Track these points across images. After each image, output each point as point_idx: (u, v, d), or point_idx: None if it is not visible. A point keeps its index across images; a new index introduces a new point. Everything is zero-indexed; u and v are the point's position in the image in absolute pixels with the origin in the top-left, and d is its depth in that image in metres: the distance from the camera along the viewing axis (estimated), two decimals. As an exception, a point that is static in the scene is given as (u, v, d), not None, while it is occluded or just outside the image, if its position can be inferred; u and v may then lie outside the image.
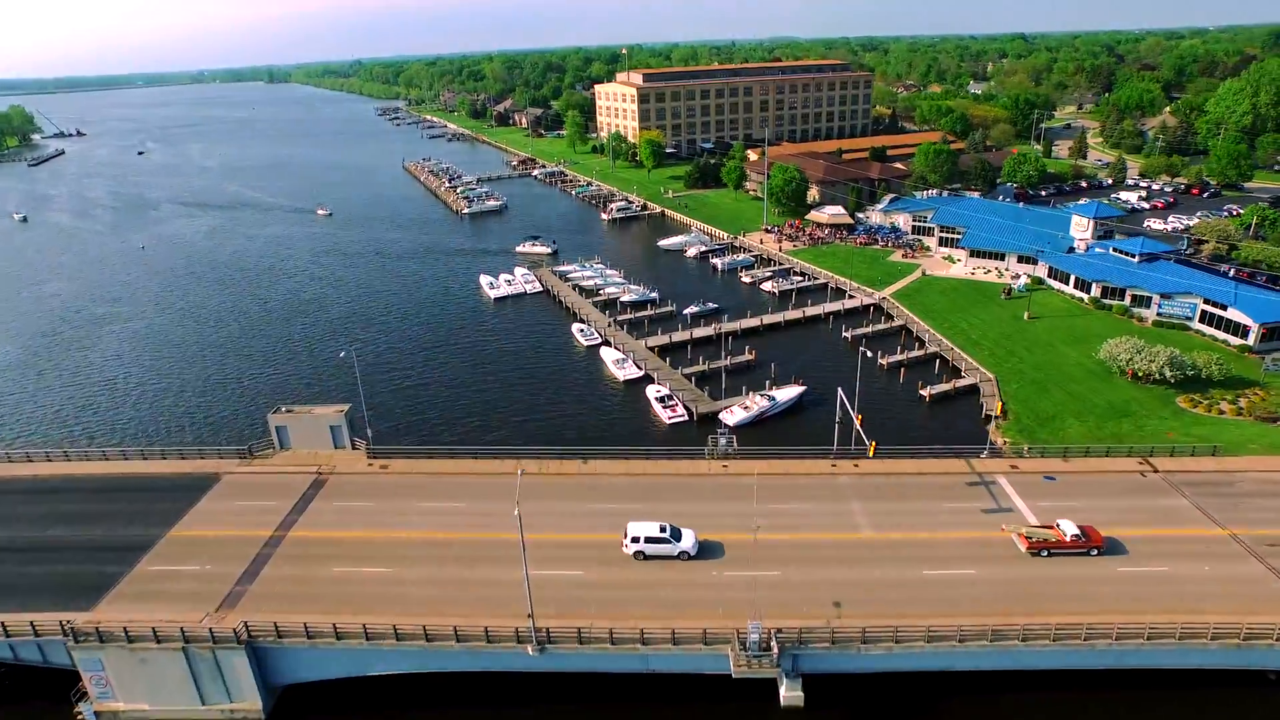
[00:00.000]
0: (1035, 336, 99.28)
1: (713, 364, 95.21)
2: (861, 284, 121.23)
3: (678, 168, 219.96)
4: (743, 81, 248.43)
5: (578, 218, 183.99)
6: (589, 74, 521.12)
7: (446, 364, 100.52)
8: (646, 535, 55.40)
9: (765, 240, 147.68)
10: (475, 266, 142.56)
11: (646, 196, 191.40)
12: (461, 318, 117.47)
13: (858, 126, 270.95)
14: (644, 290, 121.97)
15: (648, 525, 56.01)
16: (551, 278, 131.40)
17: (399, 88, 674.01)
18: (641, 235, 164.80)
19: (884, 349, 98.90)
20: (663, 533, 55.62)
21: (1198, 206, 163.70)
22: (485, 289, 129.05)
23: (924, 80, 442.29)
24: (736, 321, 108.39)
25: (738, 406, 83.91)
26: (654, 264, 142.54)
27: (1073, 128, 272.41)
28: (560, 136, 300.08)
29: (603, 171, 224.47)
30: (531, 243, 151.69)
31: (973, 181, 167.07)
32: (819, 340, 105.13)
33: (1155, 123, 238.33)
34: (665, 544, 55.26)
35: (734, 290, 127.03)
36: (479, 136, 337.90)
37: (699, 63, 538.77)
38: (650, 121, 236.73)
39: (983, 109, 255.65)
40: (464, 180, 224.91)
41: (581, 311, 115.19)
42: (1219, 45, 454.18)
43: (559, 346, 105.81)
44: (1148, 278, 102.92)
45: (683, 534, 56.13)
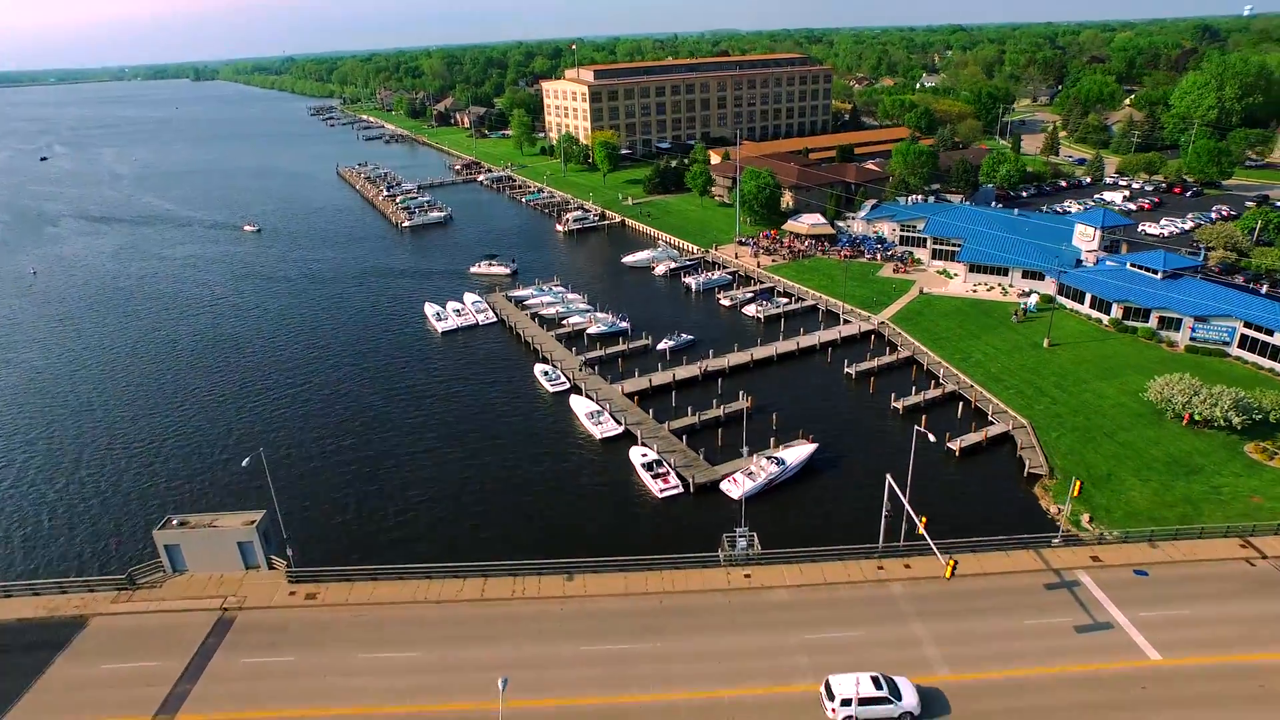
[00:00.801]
0: (1061, 369, 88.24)
1: (704, 415, 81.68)
2: (855, 305, 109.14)
3: (635, 170, 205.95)
4: (699, 77, 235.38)
5: (530, 230, 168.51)
6: (531, 69, 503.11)
7: (387, 426, 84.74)
8: (861, 695, 41.59)
9: (740, 254, 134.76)
10: (419, 292, 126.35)
11: (604, 204, 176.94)
12: (405, 360, 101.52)
13: (818, 123, 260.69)
14: (613, 319, 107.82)
15: (855, 680, 42.12)
16: (507, 306, 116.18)
17: (333, 85, 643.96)
18: (602, 250, 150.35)
19: (894, 388, 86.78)
20: (879, 689, 42.08)
21: (1185, 207, 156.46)
22: (431, 320, 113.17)
23: (875, 73, 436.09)
24: (723, 357, 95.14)
25: (741, 474, 70.51)
26: (619, 284, 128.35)
27: (1028, 123, 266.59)
28: (506, 137, 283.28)
29: (554, 176, 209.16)
30: (488, 263, 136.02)
31: (954, 183, 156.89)
32: (818, 377, 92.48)
33: (1119, 117, 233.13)
34: (884, 704, 41.80)
35: (712, 315, 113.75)
36: (419, 138, 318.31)
37: (645, 58, 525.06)
38: (603, 121, 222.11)
39: (946, 103, 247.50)
40: (404, 188, 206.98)
41: (544, 348, 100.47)
42: (1155, 38, 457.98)
43: (520, 394, 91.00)
44: (1178, 298, 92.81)
45: (901, 687, 42.80)
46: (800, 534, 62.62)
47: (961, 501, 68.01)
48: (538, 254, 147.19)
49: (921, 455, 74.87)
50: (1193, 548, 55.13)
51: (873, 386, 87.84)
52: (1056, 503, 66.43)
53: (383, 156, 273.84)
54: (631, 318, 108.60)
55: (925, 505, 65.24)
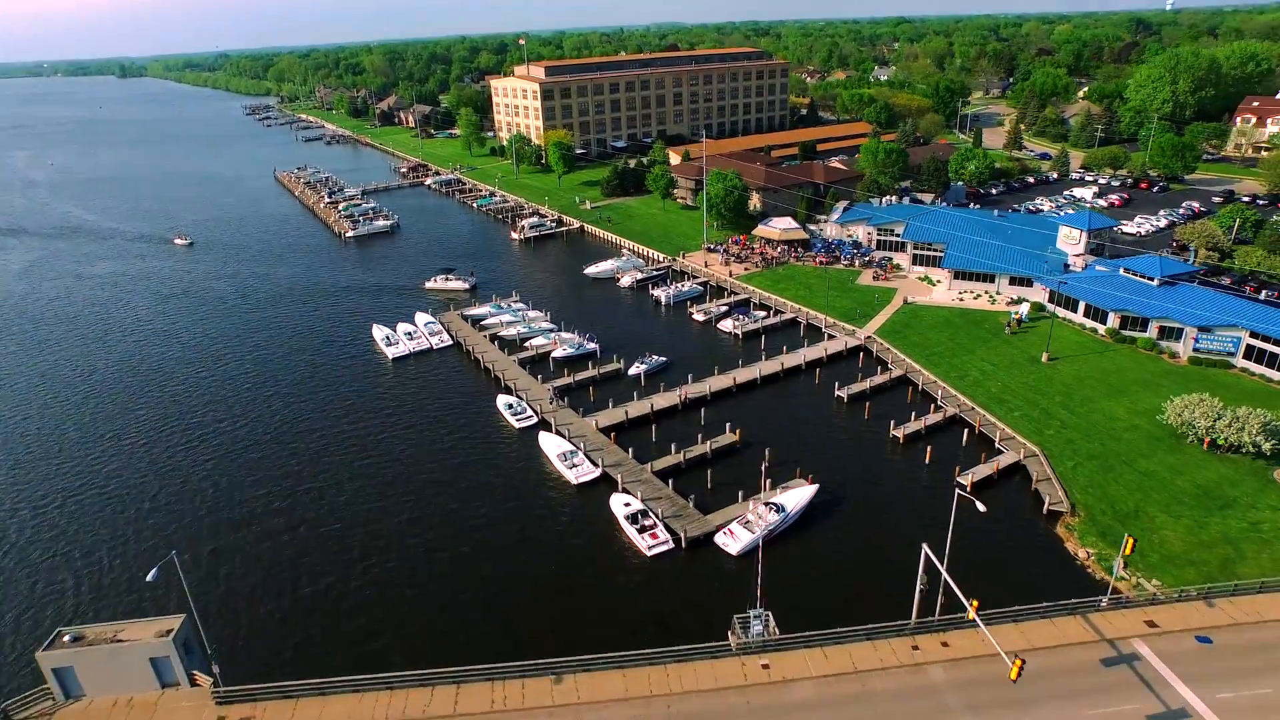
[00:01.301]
0: (1065, 386, 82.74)
1: (689, 452, 73.98)
2: (837, 318, 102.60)
3: (591, 171, 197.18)
4: (654, 73, 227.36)
5: (483, 238, 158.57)
6: (477, 65, 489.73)
7: (332, 480, 75.06)
8: None
9: (710, 262, 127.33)
10: (366, 312, 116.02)
11: (560, 208, 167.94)
12: (352, 393, 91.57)
13: (776, 119, 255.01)
14: (580, 340, 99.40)
15: None
16: (464, 327, 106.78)
17: (269, 83, 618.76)
18: (561, 259, 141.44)
19: (891, 412, 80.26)
20: None
21: (1154, 203, 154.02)
22: (380, 344, 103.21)
23: (826, 66, 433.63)
24: (703, 382, 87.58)
25: (738, 524, 63.12)
26: (582, 298, 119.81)
27: (983, 117, 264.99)
28: (453, 137, 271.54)
29: (506, 178, 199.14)
30: (445, 277, 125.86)
31: (925, 182, 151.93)
32: (807, 402, 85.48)
33: (1076, 110, 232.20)
34: None
35: (684, 331, 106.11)
36: (361, 138, 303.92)
37: (592, 52, 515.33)
38: (555, 120, 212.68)
39: (905, 97, 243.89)
40: (346, 194, 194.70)
41: (506, 375, 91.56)
42: (1094, 31, 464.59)
43: (483, 432, 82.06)
44: (1179, 307, 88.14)
45: None
46: (811, 597, 55.48)
47: (979, 546, 61.51)
48: (492, 265, 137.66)
49: (929, 490, 68.56)
50: (1255, 605, 49.33)
51: (867, 411, 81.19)
52: (1084, 545, 60.52)
53: (323, 159, 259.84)
54: (599, 336, 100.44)
55: (934, 543, 58.74)
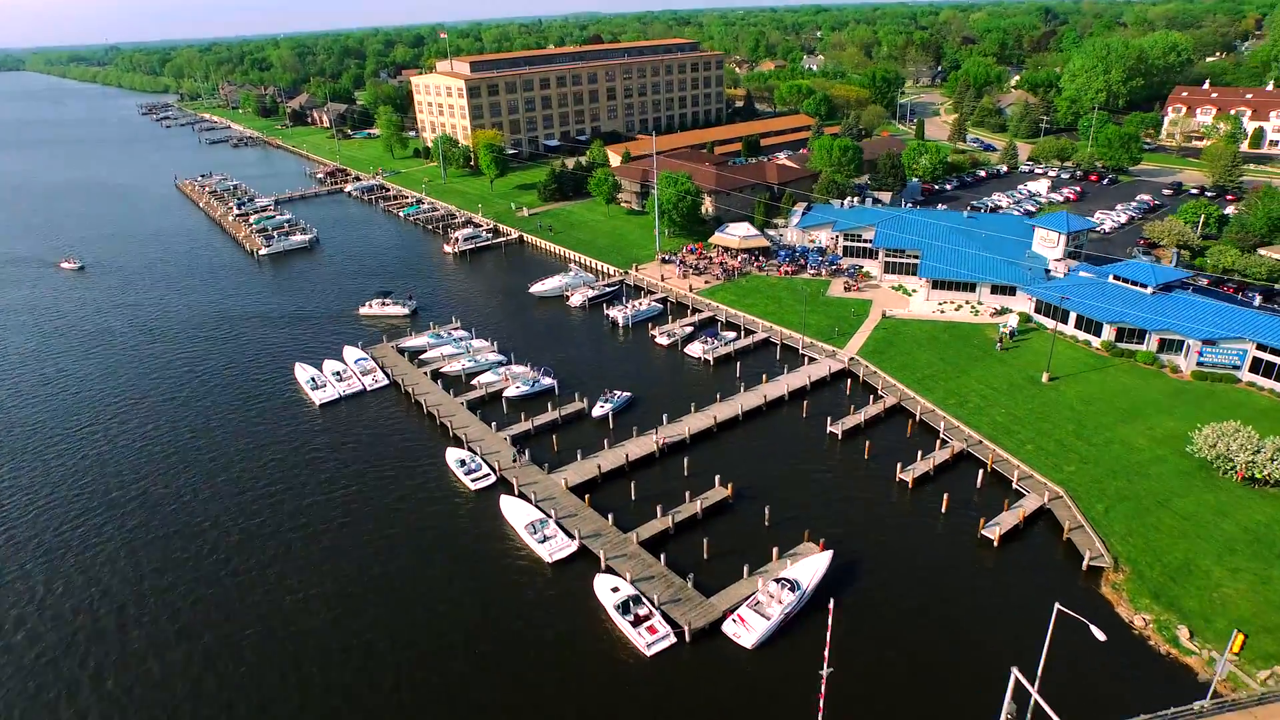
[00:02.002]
0: (1073, 412, 76.28)
1: (677, 514, 64.31)
2: (814, 337, 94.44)
3: (525, 174, 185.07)
4: (586, 67, 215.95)
5: (412, 251, 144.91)
6: (393, 59, 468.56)
7: (247, 572, 62.68)
8: None
9: (667, 275, 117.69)
10: (287, 347, 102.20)
11: (495, 216, 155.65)
12: (272, 451, 78.51)
13: (712, 113, 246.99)
14: (534, 375, 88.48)
15: None
16: (400, 362, 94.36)
17: (167, 79, 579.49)
18: (502, 276, 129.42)
19: (892, 450, 72.45)
20: None
21: (1107, 196, 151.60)
22: (305, 388, 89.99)
23: (754, 56, 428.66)
24: (680, 423, 77.97)
25: (748, 608, 53.87)
26: (529, 321, 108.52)
27: (917, 107, 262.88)
28: (372, 137, 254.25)
29: (434, 183, 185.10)
30: (381, 301, 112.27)
31: (883, 180, 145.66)
32: (798, 440, 76.80)
33: (1012, 99, 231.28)
34: None
35: (647, 357, 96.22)
36: (272, 140, 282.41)
37: (513, 45, 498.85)
38: (484, 119, 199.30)
39: (844, 88, 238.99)
40: (258, 204, 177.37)
41: (455, 423, 79.98)
42: (1008, 20, 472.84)
43: (432, 495, 70.55)
44: (1181, 319, 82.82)
45: None
46: (853, 706, 46.62)
47: (1020, 613, 53.88)
48: (426, 284, 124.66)
49: (950, 545, 60.69)
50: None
51: (867, 450, 72.96)
52: (1137, 609, 53.47)
53: (231, 164, 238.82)
54: (554, 369, 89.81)
55: (979, 624, 50.99)
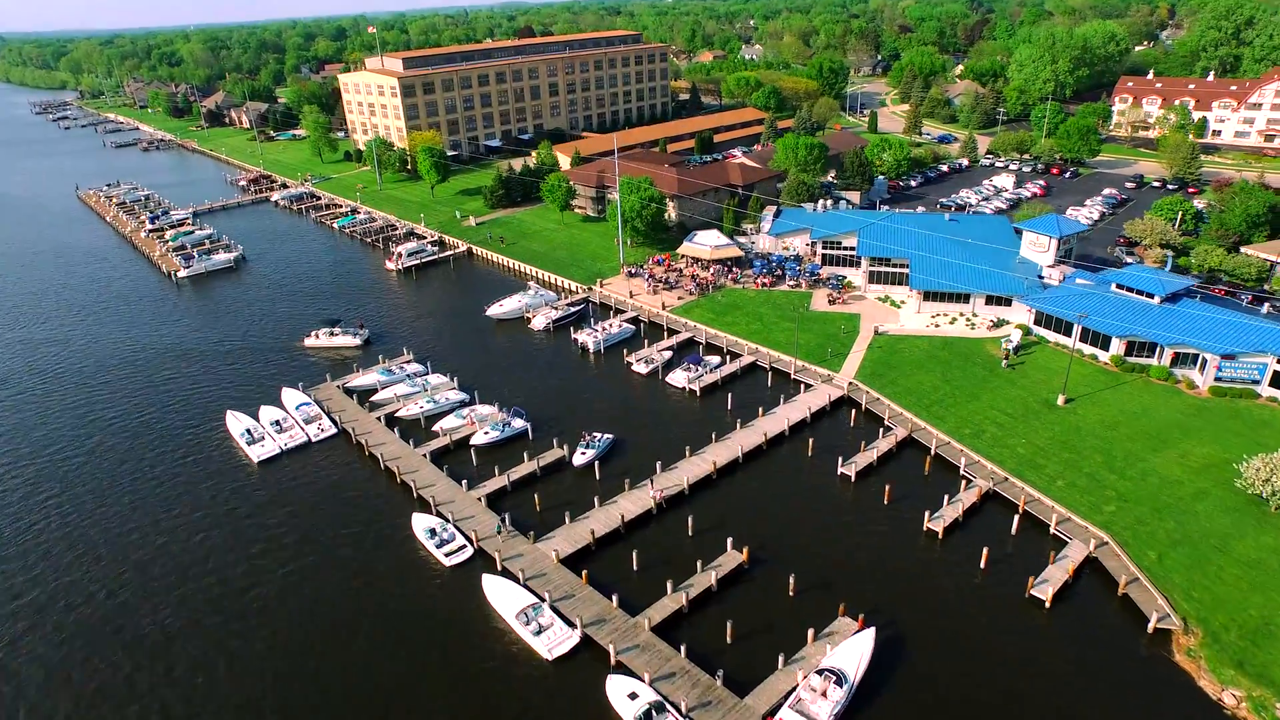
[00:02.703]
0: (1097, 438, 70.78)
1: (691, 590, 56.02)
2: (805, 359, 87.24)
3: (468, 177, 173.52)
4: (527, 62, 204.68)
5: (351, 268, 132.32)
6: (314, 53, 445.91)
7: (178, 692, 51.98)
8: None
9: (635, 290, 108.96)
10: (216, 391, 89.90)
11: (440, 226, 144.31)
12: (203, 524, 67.11)
13: (658, 107, 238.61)
14: (503, 417, 78.95)
15: None
16: (348, 406, 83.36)
17: (63, 74, 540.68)
18: (453, 296, 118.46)
19: (912, 493, 65.83)
20: None
21: (1072, 190, 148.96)
22: (240, 442, 78.36)
23: (691, 47, 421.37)
24: (676, 470, 69.71)
25: (790, 710, 46.09)
26: (489, 351, 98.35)
27: (862, 98, 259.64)
28: (297, 139, 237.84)
29: (369, 190, 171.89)
30: (330, 331, 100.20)
31: (849, 178, 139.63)
32: (807, 485, 69.29)
33: (960, 90, 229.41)
34: None
35: (624, 389, 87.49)
36: (187, 143, 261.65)
37: (441, 37, 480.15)
38: (420, 119, 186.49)
39: (793, 80, 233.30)
40: (174, 218, 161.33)
41: (419, 481, 69.93)
42: (943, 8, 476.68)
43: (400, 574, 60.62)
44: (1196, 331, 78.25)
45: None
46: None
47: (1089, 688, 47.56)
48: (369, 307, 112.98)
49: (999, 609, 54.02)
50: None
51: (887, 495, 65.94)
52: (1222, 682, 47.67)
53: (141, 171, 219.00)
54: (523, 407, 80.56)
55: (1046, 705, 44.27)
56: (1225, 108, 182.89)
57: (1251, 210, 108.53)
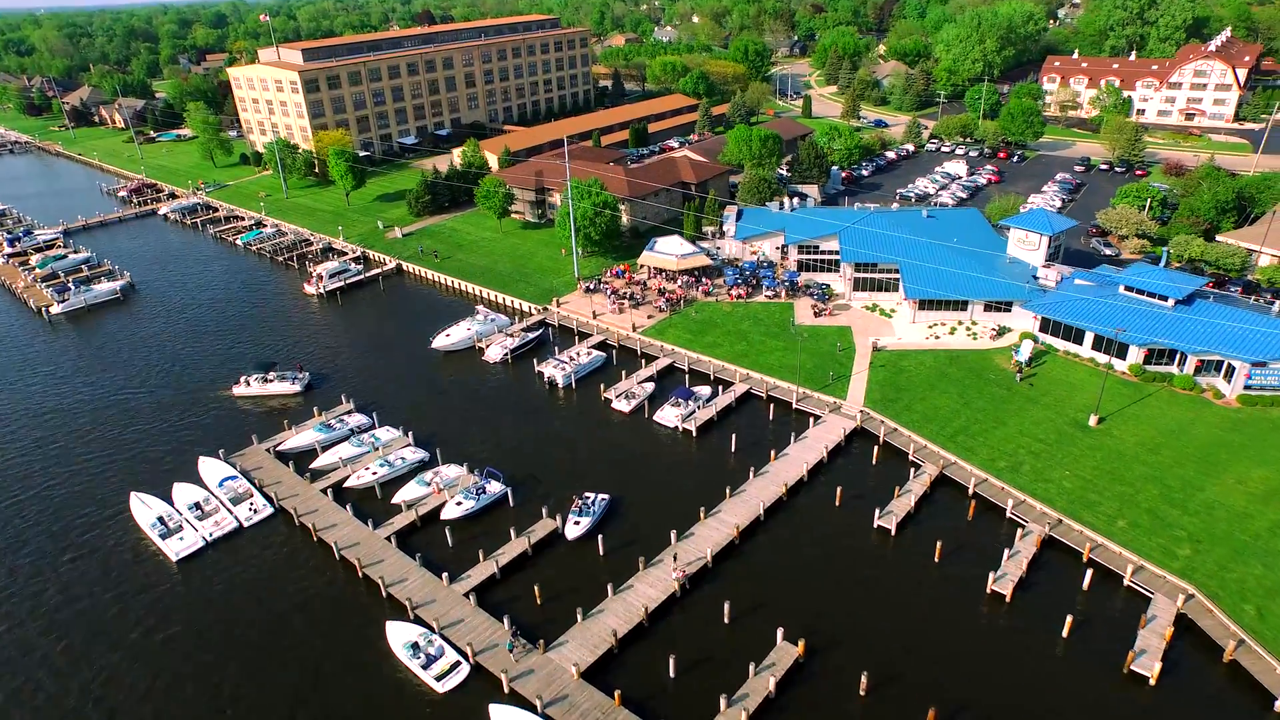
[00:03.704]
0: (1146, 465, 64.81)
1: (750, 702, 46.41)
2: (806, 385, 78.64)
3: (386, 180, 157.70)
4: (440, 51, 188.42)
5: (263, 294, 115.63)
6: (192, 42, 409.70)
7: None
8: None
9: (598, 308, 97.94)
10: (114, 465, 74.10)
11: (361, 239, 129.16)
12: (107, 650, 53.16)
13: (580, 96, 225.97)
14: (476, 480, 67.24)
15: None
16: (285, 476, 69.63)
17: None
18: (388, 323, 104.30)
19: (959, 543, 58.51)
20: None
21: (1027, 176, 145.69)
22: (151, 535, 63.69)
23: (600, 30, 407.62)
24: (693, 539, 59.94)
25: None
26: (439, 390, 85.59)
27: (791, 84, 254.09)
28: (183, 140, 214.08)
29: (273, 198, 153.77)
30: (263, 377, 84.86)
31: (806, 171, 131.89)
32: (843, 543, 60.58)
33: (887, 71, 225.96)
34: None
35: (605, 429, 76.86)
36: (49, 145, 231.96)
37: (333, 24, 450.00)
38: (326, 117, 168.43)
39: (720, 64, 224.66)
40: (38, 238, 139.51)
41: (386, 574, 57.70)
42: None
43: (383, 709, 48.72)
44: (1221, 335, 73.47)
45: None
46: None
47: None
48: (290, 344, 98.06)
49: (1086, 682, 46.53)
50: None
51: (938, 551, 57.97)
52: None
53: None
54: (498, 462, 69.23)
55: None
56: (1149, 87, 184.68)
57: (1220, 197, 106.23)
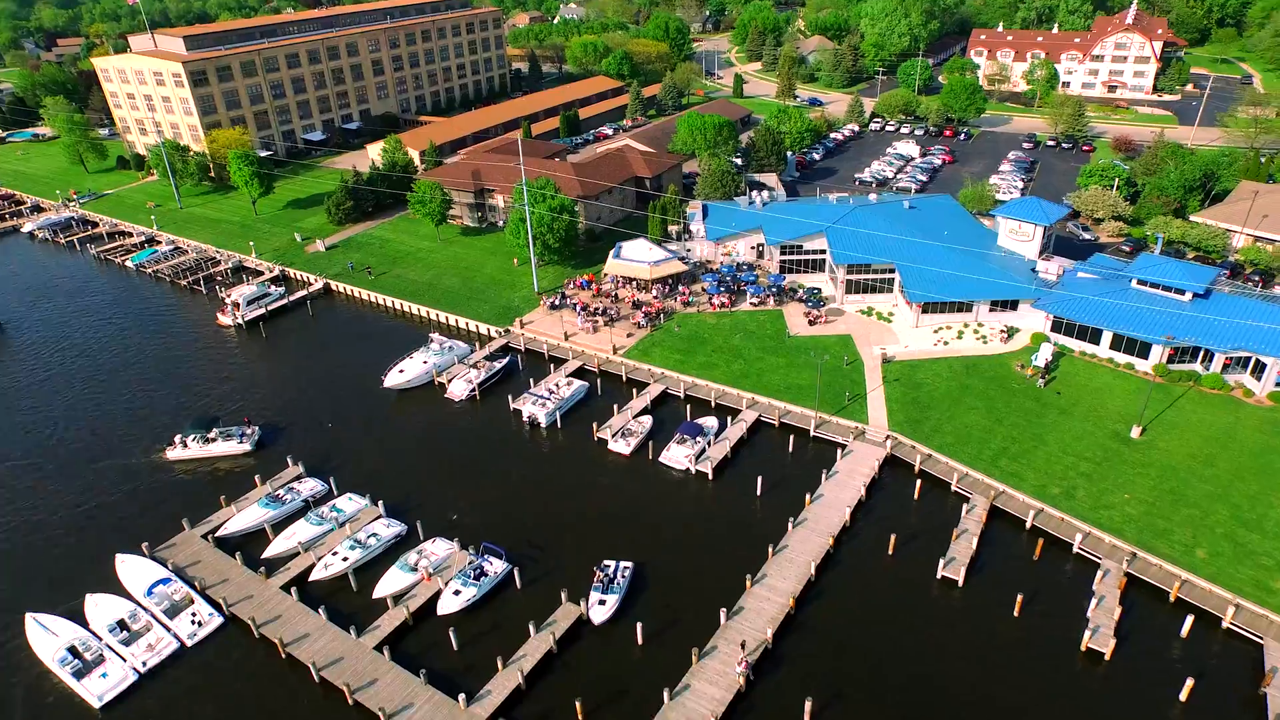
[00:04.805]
0: (1206, 482, 60.35)
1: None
2: (823, 410, 71.18)
3: (296, 184, 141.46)
4: (342, 36, 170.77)
5: (170, 328, 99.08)
6: (36, 23, 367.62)
7: None
8: None
9: (568, 327, 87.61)
10: (3, 580, 59.85)
11: (277, 256, 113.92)
12: None
13: (496, 81, 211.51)
14: (470, 559, 56.83)
15: None
16: (231, 571, 57.04)
17: None
18: (326, 359, 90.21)
19: (1036, 589, 52.19)
20: None
21: (979, 155, 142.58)
22: (59, 673, 50.28)
23: (502, 6, 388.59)
24: (748, 616, 51.57)
25: None
26: (402, 440, 73.74)
27: (714, 62, 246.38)
28: (40, 139, 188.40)
29: (165, 209, 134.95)
30: (203, 438, 70.69)
31: (763, 159, 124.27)
32: (909, 602, 53.33)
33: (813, 47, 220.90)
34: None
35: (602, 473, 67.47)
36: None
37: (207, 5, 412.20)
38: (219, 113, 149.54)
39: (643, 44, 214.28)
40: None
41: (388, 705, 46.91)
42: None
43: None
44: (1250, 329, 69.95)
45: None
46: None
47: None
48: (210, 389, 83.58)
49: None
50: None
51: (1018, 605, 51.56)
52: None
53: None
54: (489, 531, 59.11)
55: None
56: (1073, 59, 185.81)
57: (1188, 175, 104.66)
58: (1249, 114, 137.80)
